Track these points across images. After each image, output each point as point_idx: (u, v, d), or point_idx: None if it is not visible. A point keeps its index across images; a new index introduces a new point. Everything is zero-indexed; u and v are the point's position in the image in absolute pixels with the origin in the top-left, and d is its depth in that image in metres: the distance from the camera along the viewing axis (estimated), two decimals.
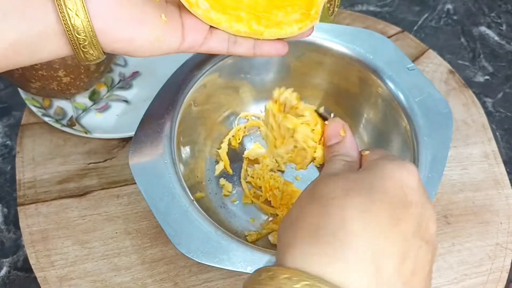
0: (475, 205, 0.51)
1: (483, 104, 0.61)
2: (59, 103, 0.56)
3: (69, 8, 0.27)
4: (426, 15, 0.71)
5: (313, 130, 0.34)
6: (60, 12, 0.27)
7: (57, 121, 0.53)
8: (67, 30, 0.28)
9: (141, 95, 0.57)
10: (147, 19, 0.31)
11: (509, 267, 0.48)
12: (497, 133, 0.59)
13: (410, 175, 0.26)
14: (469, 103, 0.59)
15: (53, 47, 0.29)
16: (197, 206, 0.40)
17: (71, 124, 0.53)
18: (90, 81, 0.53)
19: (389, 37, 0.63)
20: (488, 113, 0.60)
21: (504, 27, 0.70)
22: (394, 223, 0.24)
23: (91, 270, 0.46)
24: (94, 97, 0.56)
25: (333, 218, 0.24)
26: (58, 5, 0.27)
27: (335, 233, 0.23)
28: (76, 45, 0.29)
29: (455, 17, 0.71)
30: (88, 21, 0.28)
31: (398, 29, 0.65)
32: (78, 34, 0.28)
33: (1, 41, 0.27)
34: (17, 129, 0.55)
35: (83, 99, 0.56)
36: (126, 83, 0.58)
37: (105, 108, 0.56)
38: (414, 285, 0.24)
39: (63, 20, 0.27)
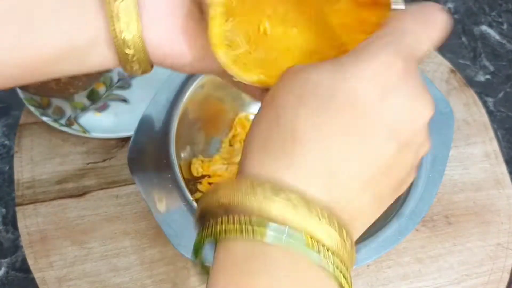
0: (476, 205, 0.51)
1: (484, 104, 0.61)
2: (57, 103, 0.55)
3: (120, 17, 0.25)
4: None
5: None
6: (111, 21, 0.25)
7: (55, 120, 0.53)
8: (116, 41, 0.26)
9: (140, 94, 0.57)
10: (202, 33, 0.27)
11: (510, 267, 0.48)
12: (498, 133, 0.59)
13: (389, 70, 0.23)
14: (470, 103, 0.58)
15: (101, 56, 0.27)
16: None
17: (69, 123, 0.53)
18: (88, 80, 0.53)
19: None
20: (489, 113, 0.60)
21: (505, 26, 0.70)
22: (353, 130, 0.22)
23: (90, 270, 0.45)
24: (93, 96, 0.56)
25: (282, 128, 0.22)
26: (109, 14, 0.25)
27: (284, 144, 0.22)
28: (124, 57, 0.27)
29: (456, 16, 0.70)
30: (139, 34, 0.26)
31: None
32: (128, 48, 0.26)
33: (51, 46, 0.26)
34: (16, 128, 0.55)
35: (81, 98, 0.56)
36: (125, 82, 0.58)
37: (104, 108, 0.55)
38: (382, 188, 0.23)
39: (113, 30, 0.26)
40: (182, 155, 0.47)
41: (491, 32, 0.69)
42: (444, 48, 0.66)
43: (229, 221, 0.21)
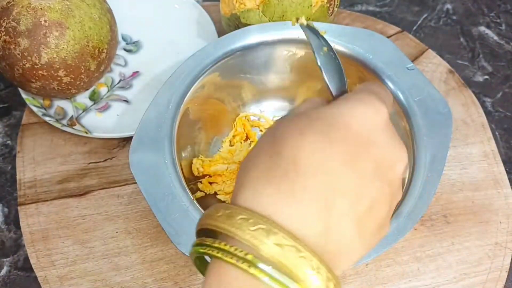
0: (474, 205, 0.51)
1: (482, 104, 0.61)
2: (59, 103, 0.56)
3: None
4: (425, 15, 0.71)
5: None
6: None
7: (57, 121, 0.53)
8: None
9: (141, 95, 0.57)
10: None
11: (508, 266, 0.48)
12: (496, 133, 0.59)
13: (377, 114, 0.25)
14: (469, 103, 0.59)
15: None
16: (197, 205, 0.40)
17: (71, 124, 0.54)
18: (90, 81, 0.53)
19: (388, 37, 0.63)
20: (487, 113, 0.60)
21: (503, 27, 0.70)
22: (350, 163, 0.24)
23: (92, 269, 0.46)
24: (94, 97, 0.57)
25: (285, 158, 0.23)
26: None
27: (286, 173, 0.23)
28: None
29: (454, 17, 0.71)
30: None
31: (397, 29, 0.65)
32: None
33: None
34: (18, 129, 0.55)
35: (83, 99, 0.56)
36: (126, 83, 0.58)
37: (106, 108, 0.56)
38: (367, 225, 0.24)
39: None
40: (183, 154, 0.47)
41: (490, 33, 0.69)
42: (443, 49, 0.67)
43: (224, 249, 0.22)
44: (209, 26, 0.61)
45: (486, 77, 0.65)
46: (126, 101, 0.57)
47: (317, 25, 0.48)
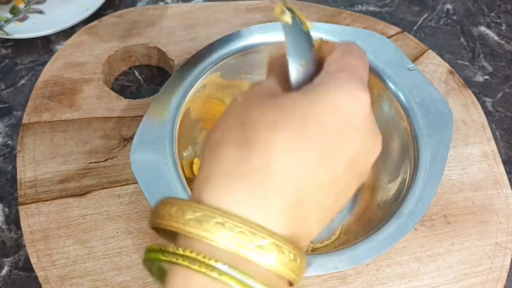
0: (474, 205, 0.51)
1: (483, 104, 0.61)
2: None
3: None
4: (425, 15, 0.71)
5: None
6: None
7: None
8: None
9: (52, 6, 0.67)
10: None
11: (508, 266, 0.48)
12: (497, 133, 0.59)
13: (357, 104, 0.24)
14: (469, 103, 0.59)
15: None
16: None
17: None
18: None
19: (389, 37, 0.63)
20: (488, 113, 0.60)
21: (503, 27, 0.70)
22: (324, 162, 0.22)
23: (92, 269, 0.46)
24: (14, 11, 0.67)
25: (256, 155, 0.22)
26: None
27: (256, 171, 0.22)
28: None
29: (454, 17, 0.71)
30: None
31: (397, 29, 0.65)
32: None
33: None
34: (18, 128, 0.55)
35: (5, 13, 0.67)
36: None
37: (24, 19, 0.67)
38: (329, 213, 0.24)
39: None
40: (184, 154, 0.47)
41: (490, 33, 0.69)
42: (443, 49, 0.67)
43: (189, 256, 0.21)
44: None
45: (487, 77, 0.65)
46: (41, 12, 0.67)
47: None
